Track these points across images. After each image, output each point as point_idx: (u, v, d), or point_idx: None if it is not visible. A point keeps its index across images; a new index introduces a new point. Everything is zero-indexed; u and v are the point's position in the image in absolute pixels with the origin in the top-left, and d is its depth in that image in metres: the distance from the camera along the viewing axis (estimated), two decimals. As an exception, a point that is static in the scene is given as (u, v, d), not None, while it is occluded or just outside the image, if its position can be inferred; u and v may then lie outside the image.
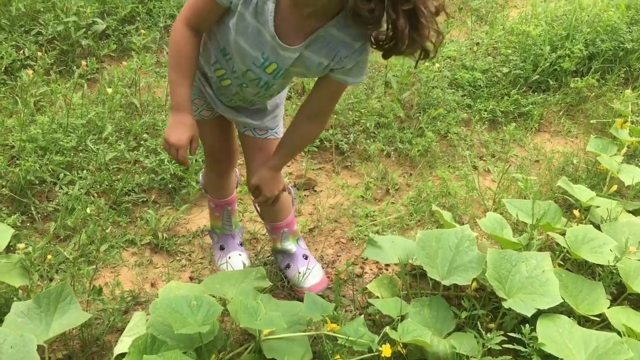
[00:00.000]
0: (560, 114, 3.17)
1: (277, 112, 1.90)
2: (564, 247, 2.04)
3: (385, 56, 1.47)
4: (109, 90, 2.67)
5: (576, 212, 2.35)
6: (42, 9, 3.30)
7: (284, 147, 1.79)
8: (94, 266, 2.12)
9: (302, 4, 1.46)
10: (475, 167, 2.85)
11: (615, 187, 2.45)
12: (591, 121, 3.07)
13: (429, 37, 1.37)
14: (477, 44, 3.60)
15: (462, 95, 3.16)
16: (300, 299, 1.97)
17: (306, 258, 2.17)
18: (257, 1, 1.49)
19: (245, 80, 1.65)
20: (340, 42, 1.50)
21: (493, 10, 4.09)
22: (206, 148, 2.05)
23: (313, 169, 2.78)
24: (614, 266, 1.95)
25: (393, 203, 2.62)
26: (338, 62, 1.54)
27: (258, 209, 2.15)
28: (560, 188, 2.42)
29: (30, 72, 2.78)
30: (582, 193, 2.32)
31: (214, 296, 1.76)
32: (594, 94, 3.21)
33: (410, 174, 2.81)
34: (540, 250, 2.04)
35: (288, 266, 2.17)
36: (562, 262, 2.09)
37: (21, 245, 1.91)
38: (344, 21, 1.48)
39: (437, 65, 3.18)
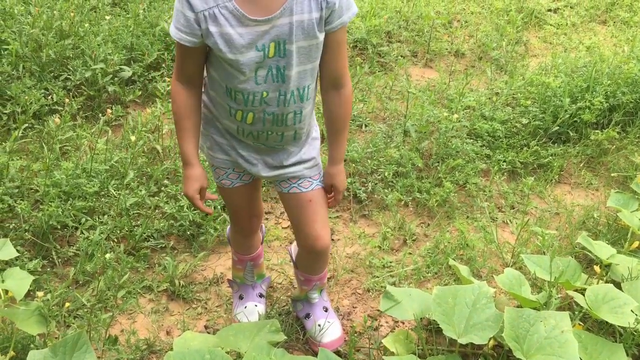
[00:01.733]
0: (581, 165, 3.15)
1: (313, 153, 1.87)
2: (584, 307, 2.00)
3: None
4: (133, 138, 2.73)
5: (597, 268, 2.31)
6: (71, 55, 3.41)
7: (333, 133, 1.81)
8: (111, 313, 2.13)
9: None
10: (493, 219, 2.83)
11: (636, 244, 2.41)
12: (612, 174, 3.05)
13: None
14: (497, 94, 3.62)
15: (480, 146, 3.16)
16: (315, 353, 1.95)
17: (326, 310, 2.16)
18: (214, 8, 1.53)
19: (261, 87, 1.63)
20: None
21: (513, 59, 4.12)
22: (230, 213, 2.09)
23: (331, 217, 2.79)
24: (635, 328, 1.91)
25: (410, 254, 2.61)
26: (327, 6, 1.57)
27: (294, 257, 2.16)
28: (580, 243, 2.39)
29: (57, 119, 2.86)
30: (603, 250, 2.29)
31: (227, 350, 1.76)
32: (614, 146, 3.19)
33: (428, 225, 2.80)
34: (559, 309, 2.00)
35: (307, 316, 2.16)
36: (581, 322, 2.05)
37: (40, 294, 1.94)
38: None
39: (455, 115, 3.20)
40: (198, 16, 1.54)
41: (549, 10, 4.87)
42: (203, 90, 1.78)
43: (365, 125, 3.39)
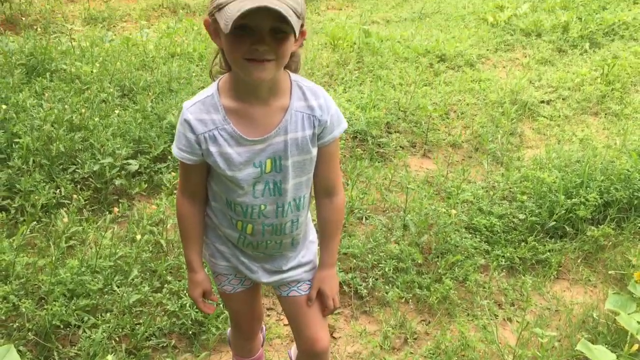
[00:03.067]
0: (579, 261, 3.19)
1: (311, 257, 1.92)
2: (587, 417, 1.99)
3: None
4: (138, 237, 2.78)
5: (598, 372, 2.31)
6: (80, 148, 3.52)
7: (325, 238, 1.85)
8: (111, 420, 2.12)
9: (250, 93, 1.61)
10: (494, 316, 2.84)
11: (636, 347, 2.41)
12: (609, 272, 3.08)
13: None
14: (494, 187, 3.71)
15: (479, 240, 3.22)
16: None
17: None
18: (214, 130, 1.61)
19: (258, 200, 1.70)
20: (308, 107, 1.65)
21: (508, 151, 4.24)
22: (231, 317, 2.12)
23: (332, 314, 2.80)
24: None
25: (412, 353, 2.61)
26: (319, 124, 1.66)
27: (293, 358, 2.16)
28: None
29: (65, 219, 2.92)
30: (602, 355, 2.30)
31: None
32: (611, 243, 3.24)
33: (429, 322, 2.81)
34: (562, 419, 1.99)
35: None
36: None
37: (43, 404, 1.93)
38: (300, 92, 1.65)
39: (454, 211, 3.27)
40: (199, 137, 1.63)
41: (542, 102, 5.05)
42: None
43: (366, 218, 3.46)
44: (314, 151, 1.71)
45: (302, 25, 1.49)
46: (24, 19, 6.30)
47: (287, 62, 1.58)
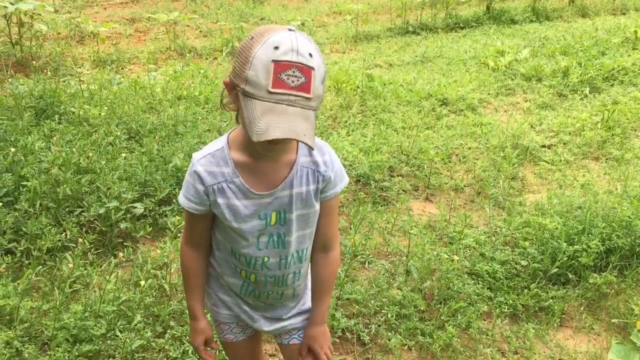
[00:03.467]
0: (582, 309, 3.18)
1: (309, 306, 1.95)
2: None
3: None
4: (142, 282, 2.80)
5: None
6: (87, 190, 3.56)
7: (317, 293, 1.87)
8: None
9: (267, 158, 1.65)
10: (497, 364, 2.83)
11: (641, 399, 2.41)
12: (612, 320, 3.08)
13: None
14: (496, 233, 3.73)
15: (482, 287, 3.22)
16: None
17: None
18: (222, 183, 1.66)
19: (262, 252, 1.73)
20: (314, 162, 1.70)
21: (510, 196, 4.27)
22: None
23: (334, 362, 2.79)
24: None
25: (414, 403, 2.59)
26: (323, 180, 1.70)
27: None
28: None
29: (70, 264, 2.94)
30: (607, 407, 2.28)
31: None
32: (613, 290, 3.24)
33: (432, 370, 2.80)
34: None
35: None
36: None
37: None
38: (306, 148, 1.69)
39: (456, 257, 3.28)
40: (207, 189, 1.68)
41: (543, 146, 5.10)
42: None
43: (369, 263, 3.47)
44: (317, 205, 1.75)
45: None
46: (34, 62, 6.43)
47: None
